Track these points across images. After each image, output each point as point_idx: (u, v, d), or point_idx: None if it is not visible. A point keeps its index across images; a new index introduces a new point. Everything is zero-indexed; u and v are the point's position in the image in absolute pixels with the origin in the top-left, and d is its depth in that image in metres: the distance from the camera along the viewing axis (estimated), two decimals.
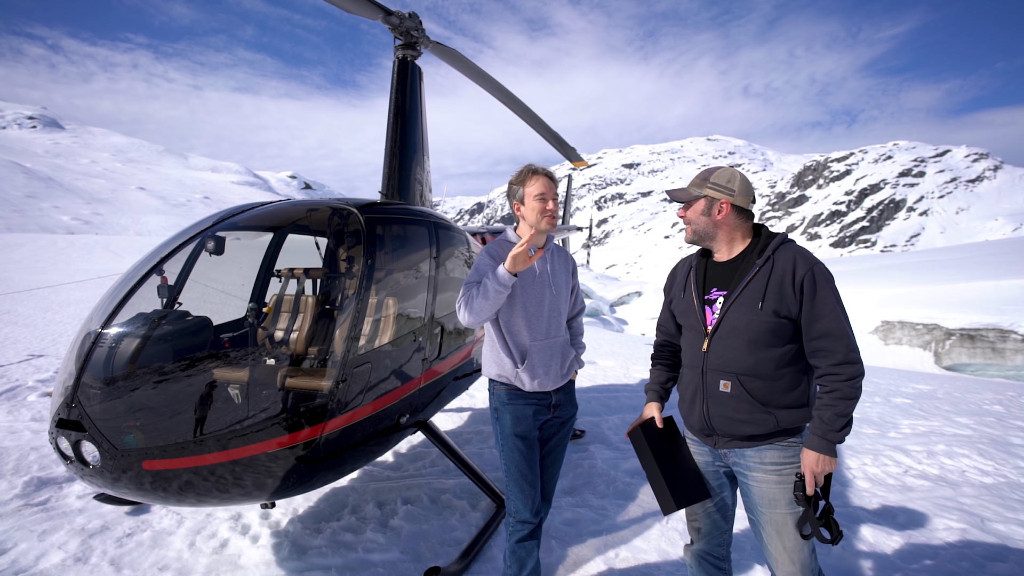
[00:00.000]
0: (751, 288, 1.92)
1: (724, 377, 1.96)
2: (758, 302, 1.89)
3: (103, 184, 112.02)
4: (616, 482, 4.08)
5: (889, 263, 39.92)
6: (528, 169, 2.53)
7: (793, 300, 1.86)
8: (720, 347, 1.97)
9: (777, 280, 1.88)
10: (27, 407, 5.18)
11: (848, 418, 1.81)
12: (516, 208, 2.55)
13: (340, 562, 2.98)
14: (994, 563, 3.15)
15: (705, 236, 2.07)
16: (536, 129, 5.57)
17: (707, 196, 2.03)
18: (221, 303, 3.46)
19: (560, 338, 2.58)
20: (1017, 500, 4.08)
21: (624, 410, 6.13)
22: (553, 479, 2.69)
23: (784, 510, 1.91)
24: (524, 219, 2.54)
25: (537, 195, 2.46)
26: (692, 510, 2.20)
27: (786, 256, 1.91)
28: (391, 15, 4.10)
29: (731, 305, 1.95)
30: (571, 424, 2.71)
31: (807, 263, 1.88)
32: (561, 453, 2.70)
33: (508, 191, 2.60)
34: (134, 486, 2.28)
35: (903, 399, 7.38)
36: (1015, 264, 29.62)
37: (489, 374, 2.56)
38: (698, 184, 2.05)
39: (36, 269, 21.57)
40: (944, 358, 22.53)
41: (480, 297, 2.33)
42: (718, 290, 2.03)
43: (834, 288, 1.87)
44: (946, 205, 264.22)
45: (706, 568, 2.21)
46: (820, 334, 1.84)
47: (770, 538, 1.97)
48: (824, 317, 1.83)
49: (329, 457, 2.65)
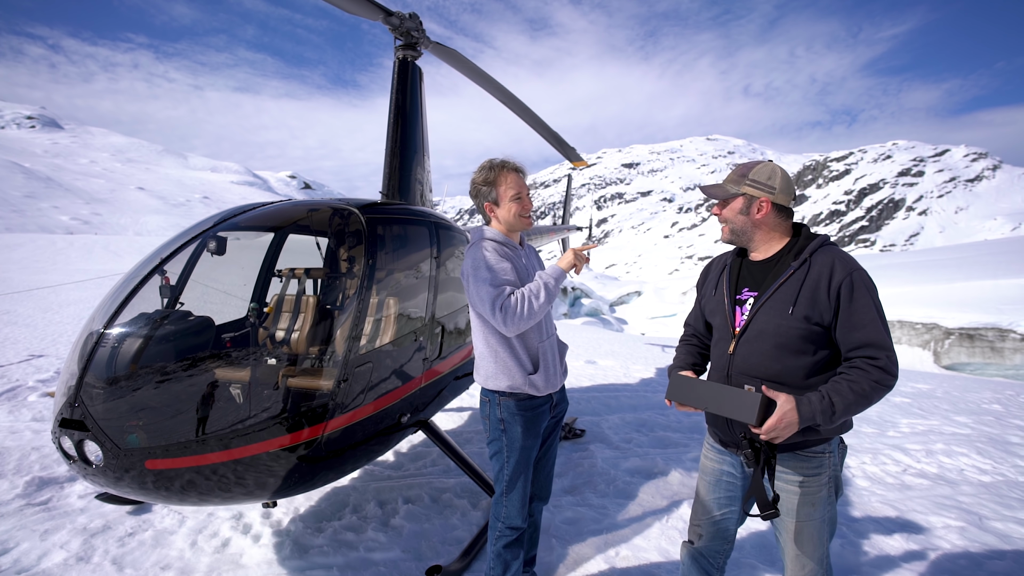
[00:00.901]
0: (783, 291, 1.81)
1: (749, 382, 1.85)
2: (789, 306, 1.78)
3: (102, 184, 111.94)
4: (616, 481, 4.10)
5: (888, 263, 39.97)
6: (497, 166, 2.37)
7: (827, 307, 1.74)
8: (746, 350, 1.87)
9: (812, 284, 1.76)
10: (28, 407, 5.19)
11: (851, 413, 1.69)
12: (489, 210, 2.41)
13: (341, 561, 2.99)
14: (992, 561, 3.16)
15: (742, 235, 1.95)
16: (536, 129, 5.59)
17: (745, 194, 1.90)
18: (223, 303, 3.47)
19: (555, 335, 2.58)
20: (1015, 498, 4.09)
21: (624, 409, 6.14)
22: (549, 477, 2.70)
23: (802, 520, 1.88)
24: (498, 220, 2.41)
25: (513, 196, 2.36)
26: (698, 514, 2.16)
27: (824, 260, 1.79)
28: (391, 16, 4.11)
29: (761, 307, 1.85)
30: (563, 418, 2.71)
31: (846, 268, 1.75)
32: (555, 450, 2.71)
33: (473, 191, 2.41)
34: (137, 485, 2.29)
35: (902, 398, 7.40)
36: (1014, 263, 29.66)
37: (498, 387, 2.38)
38: (736, 180, 1.92)
39: (35, 269, 21.56)
40: (943, 357, 22.55)
41: (543, 299, 2.19)
42: (749, 290, 1.94)
43: (876, 296, 1.74)
44: (945, 205, 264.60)
45: (697, 570, 2.18)
46: (860, 344, 1.71)
47: (787, 542, 1.94)
48: (865, 327, 1.70)
49: (330, 456, 2.66)
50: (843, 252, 1.83)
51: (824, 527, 1.90)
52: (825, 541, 1.91)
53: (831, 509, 1.91)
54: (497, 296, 2.18)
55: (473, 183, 2.43)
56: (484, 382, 2.43)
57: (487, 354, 2.39)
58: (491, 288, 2.19)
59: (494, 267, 2.25)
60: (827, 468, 1.86)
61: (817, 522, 1.88)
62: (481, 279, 2.22)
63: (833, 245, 1.88)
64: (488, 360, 2.39)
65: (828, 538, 1.92)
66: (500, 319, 2.16)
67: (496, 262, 2.28)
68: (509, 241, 2.43)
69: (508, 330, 2.18)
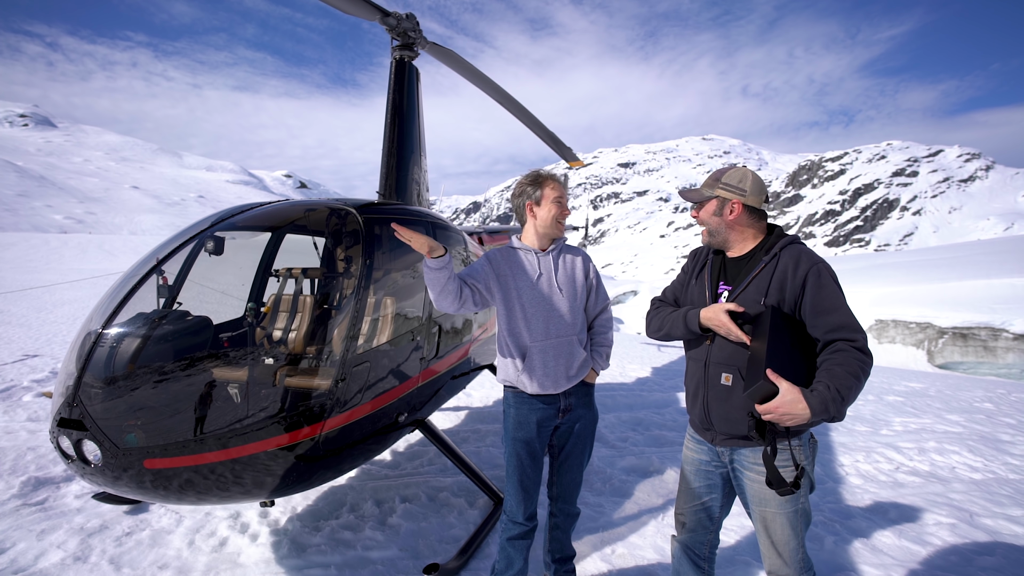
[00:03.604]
0: (755, 284, 1.95)
1: (726, 370, 1.98)
2: (761, 297, 1.91)
3: (96, 183, 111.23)
4: (612, 480, 4.12)
5: (883, 262, 40.20)
6: (545, 174, 2.58)
7: (795, 293, 1.88)
8: (724, 341, 1.98)
9: (780, 276, 1.91)
10: (23, 407, 5.17)
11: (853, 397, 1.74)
12: (529, 208, 2.54)
13: (339, 559, 3.00)
14: (982, 557, 3.21)
15: (718, 236, 2.08)
16: (532, 129, 5.60)
17: (719, 196, 2.04)
18: (220, 303, 3.48)
19: (563, 338, 2.47)
20: (1005, 495, 4.15)
21: (620, 408, 6.17)
22: (571, 483, 2.66)
23: (774, 509, 1.95)
24: (535, 219, 2.54)
25: (556, 198, 2.51)
26: (680, 504, 2.24)
27: (791, 254, 1.93)
28: (388, 16, 4.12)
29: (735, 300, 1.97)
30: (588, 429, 2.62)
31: (811, 260, 1.90)
32: (579, 459, 2.62)
33: (519, 191, 2.58)
34: (135, 485, 2.29)
35: (895, 397, 7.46)
36: (1006, 263, 29.88)
37: (499, 375, 2.60)
38: (710, 184, 2.07)
39: (29, 269, 21.42)
40: (937, 356, 22.71)
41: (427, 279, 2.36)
42: (724, 284, 2.07)
43: (839, 284, 1.88)
44: (939, 204, 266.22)
45: (686, 563, 2.25)
46: (836, 326, 1.82)
47: (760, 533, 2.03)
48: (837, 310, 1.83)
49: (328, 456, 2.67)
50: (809, 249, 1.97)
51: (797, 518, 1.95)
52: (800, 532, 1.97)
53: (803, 501, 1.97)
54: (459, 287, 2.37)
55: (519, 184, 2.60)
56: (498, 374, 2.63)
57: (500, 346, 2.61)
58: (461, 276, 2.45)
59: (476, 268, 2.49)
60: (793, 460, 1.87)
61: (789, 513, 1.94)
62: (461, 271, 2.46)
63: (800, 243, 2.00)
64: (499, 350, 2.61)
65: (803, 529, 1.98)
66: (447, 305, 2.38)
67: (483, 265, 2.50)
68: (527, 248, 2.56)
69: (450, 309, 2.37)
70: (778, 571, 1.99)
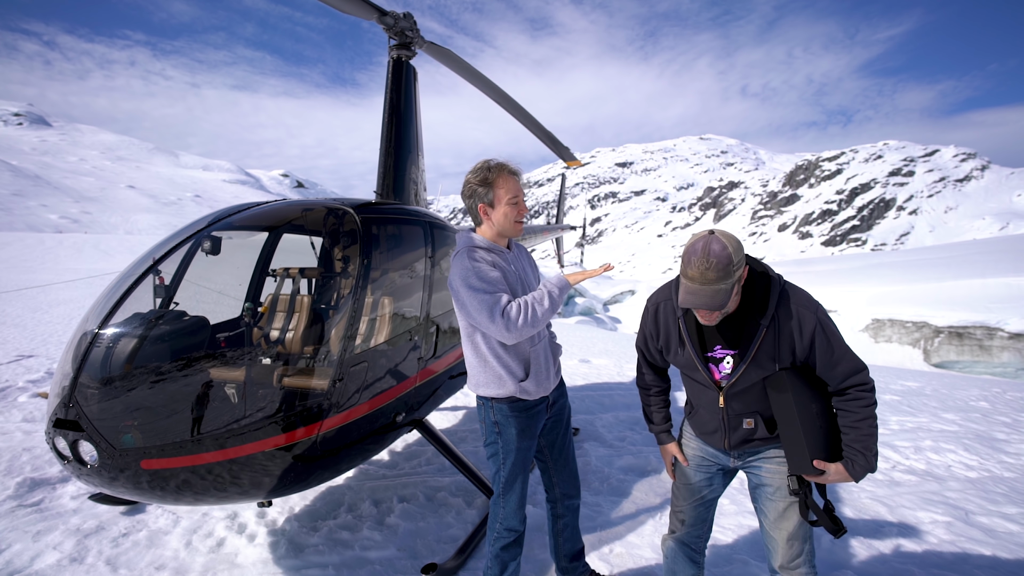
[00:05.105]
0: (763, 349, 1.92)
1: (747, 416, 2.04)
2: (773, 362, 1.93)
3: (92, 182, 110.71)
4: (610, 479, 4.13)
5: (879, 262, 40.34)
6: (495, 168, 2.29)
7: (805, 350, 1.91)
8: (738, 400, 2.03)
9: (787, 337, 1.90)
10: (18, 408, 5.14)
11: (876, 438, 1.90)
12: (483, 211, 2.31)
13: (337, 560, 3.00)
14: (977, 555, 3.23)
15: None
16: (530, 128, 5.60)
17: (737, 280, 1.82)
18: (217, 303, 3.46)
19: (548, 337, 2.50)
20: (1000, 493, 4.17)
21: (618, 408, 6.18)
22: (571, 474, 2.67)
23: (787, 500, 2.02)
24: (490, 223, 2.34)
25: (511, 199, 2.29)
26: (679, 501, 2.30)
27: (788, 311, 1.90)
28: (385, 15, 4.11)
29: (747, 367, 1.94)
30: (568, 414, 2.65)
31: (811, 314, 1.89)
32: (571, 447, 2.66)
33: (469, 191, 2.31)
34: (132, 485, 2.29)
35: (892, 396, 7.49)
36: (1002, 262, 30.01)
37: (487, 393, 2.35)
38: (725, 277, 1.77)
39: (24, 268, 21.31)
40: (933, 355, 22.83)
41: (546, 307, 2.18)
42: (723, 348, 1.99)
43: (835, 326, 1.93)
44: (935, 204, 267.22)
45: (682, 559, 2.30)
46: (846, 375, 1.90)
47: (772, 526, 2.06)
48: (843, 359, 1.89)
49: (325, 456, 2.66)
50: (798, 293, 1.94)
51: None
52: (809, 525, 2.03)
53: None
54: (495, 304, 2.12)
55: (467, 183, 2.32)
56: (476, 389, 2.40)
57: (476, 363, 2.35)
58: (487, 296, 2.13)
59: (486, 276, 2.19)
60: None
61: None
62: (475, 288, 2.15)
63: (787, 289, 1.93)
64: (478, 369, 2.36)
65: None
66: (502, 326, 2.10)
67: (487, 270, 2.22)
68: (496, 247, 2.36)
69: (510, 337, 2.13)
70: (789, 564, 2.04)
